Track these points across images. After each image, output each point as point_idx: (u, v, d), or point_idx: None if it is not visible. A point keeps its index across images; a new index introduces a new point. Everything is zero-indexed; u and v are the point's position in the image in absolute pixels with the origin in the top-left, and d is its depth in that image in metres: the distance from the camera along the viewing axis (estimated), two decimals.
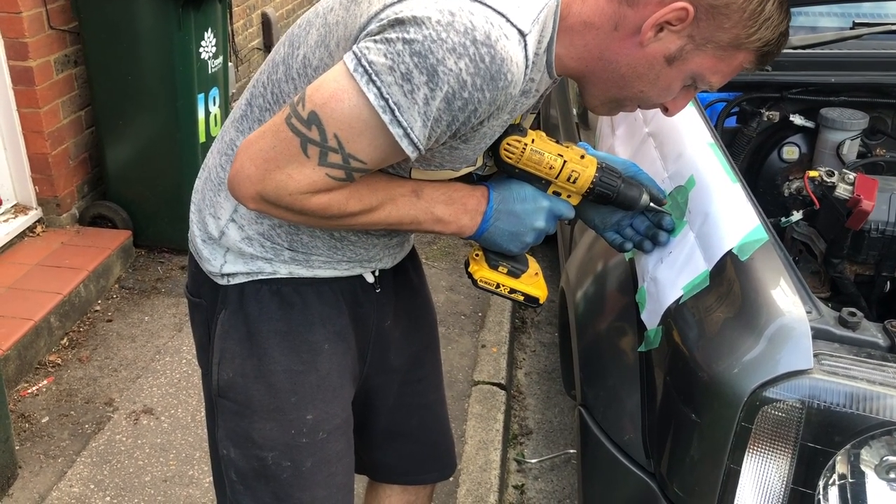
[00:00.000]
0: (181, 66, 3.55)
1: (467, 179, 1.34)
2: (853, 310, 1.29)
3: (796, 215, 1.92)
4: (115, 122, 3.67)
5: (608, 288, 1.77)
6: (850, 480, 1.24)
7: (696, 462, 1.30)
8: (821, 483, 1.23)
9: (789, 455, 1.23)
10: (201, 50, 3.65)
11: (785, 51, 2.26)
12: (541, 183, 1.31)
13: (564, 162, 1.28)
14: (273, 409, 1.42)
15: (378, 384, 1.60)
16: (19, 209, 3.70)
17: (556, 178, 1.30)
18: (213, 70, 3.77)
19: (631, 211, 1.39)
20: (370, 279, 1.47)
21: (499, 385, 3.08)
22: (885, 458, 1.23)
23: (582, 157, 1.30)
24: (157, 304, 3.56)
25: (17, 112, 3.52)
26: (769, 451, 1.24)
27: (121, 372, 3.12)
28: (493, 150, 1.28)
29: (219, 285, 1.42)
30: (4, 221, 3.61)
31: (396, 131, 1.09)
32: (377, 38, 1.07)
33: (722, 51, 1.16)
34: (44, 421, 2.85)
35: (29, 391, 2.98)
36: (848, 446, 1.21)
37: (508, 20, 1.06)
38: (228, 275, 1.40)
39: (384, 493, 1.77)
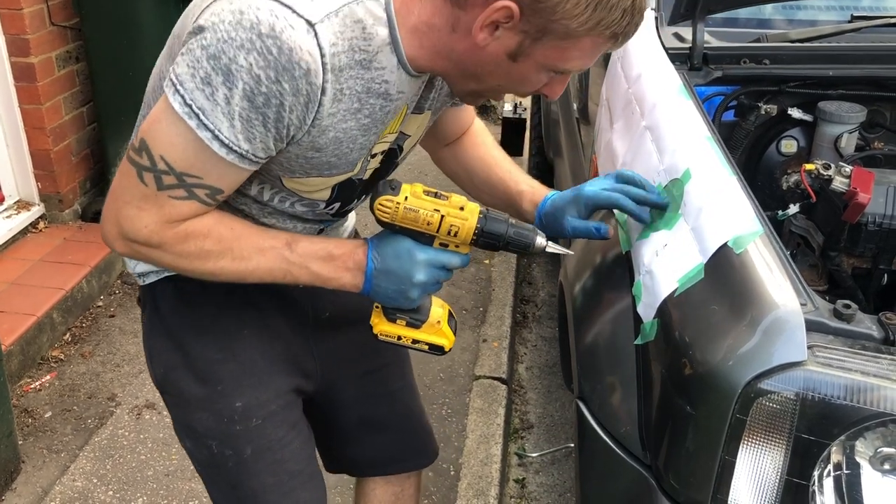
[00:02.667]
0: None
1: (349, 184, 1.34)
2: (848, 302, 1.30)
3: (793, 208, 1.93)
4: (116, 118, 3.68)
5: (605, 281, 1.78)
6: (845, 472, 1.24)
7: (692, 454, 1.31)
8: (815, 474, 1.24)
9: (784, 447, 1.24)
10: None
11: (783, 44, 2.27)
12: (424, 237, 1.29)
13: (442, 217, 1.26)
14: (202, 398, 1.45)
15: (336, 378, 1.60)
16: (22, 205, 3.72)
17: (437, 231, 1.28)
18: None
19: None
20: None
21: (500, 379, 3.08)
22: (879, 450, 1.24)
23: (461, 208, 1.27)
24: None
25: (19, 108, 3.53)
26: (764, 442, 1.24)
27: (123, 367, 3.14)
28: (371, 208, 1.27)
29: (140, 286, 1.47)
30: (7, 218, 3.63)
31: (205, 135, 1.11)
32: (183, 49, 1.11)
33: (562, 41, 1.14)
34: (47, 416, 2.87)
35: (32, 386, 3.00)
36: (842, 438, 1.22)
37: (294, 11, 1.08)
38: (142, 274, 1.43)
39: (369, 487, 1.77)
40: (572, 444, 2.83)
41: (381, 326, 1.37)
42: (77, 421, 2.85)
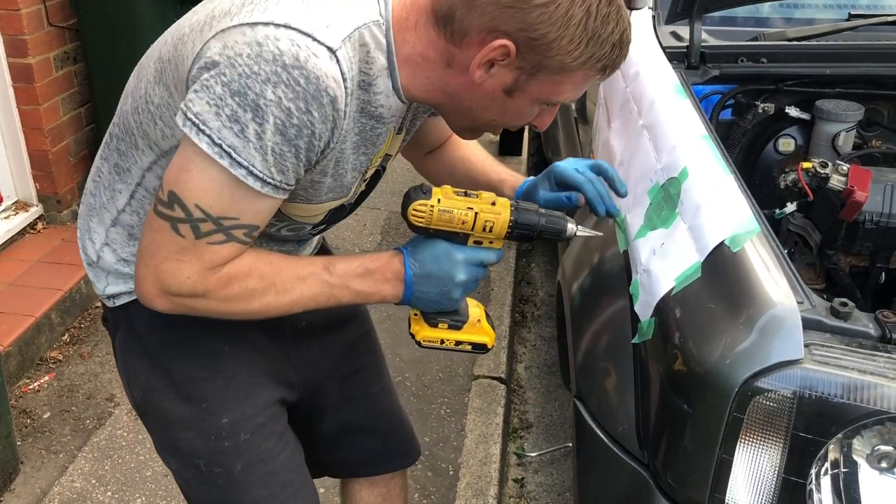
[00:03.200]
0: None
1: (340, 209, 1.34)
2: (844, 300, 1.30)
3: (790, 207, 1.93)
4: None
5: (603, 280, 1.78)
6: (843, 470, 1.24)
7: (689, 452, 1.31)
8: (813, 472, 1.24)
9: (781, 445, 1.24)
10: None
11: (781, 42, 2.27)
12: (459, 237, 1.29)
13: (476, 214, 1.27)
14: (187, 418, 1.42)
15: (316, 384, 1.60)
16: (20, 206, 3.71)
17: (472, 229, 1.28)
18: None
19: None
20: None
21: (499, 379, 3.08)
22: (876, 448, 1.24)
23: (493, 203, 1.29)
24: None
25: (17, 109, 3.53)
26: (761, 440, 1.24)
27: None
28: (403, 215, 1.28)
29: (109, 308, 1.43)
30: (5, 218, 3.62)
31: (239, 172, 1.10)
32: (197, 86, 1.09)
33: (556, 75, 1.16)
34: (45, 417, 2.86)
35: (30, 387, 3.00)
36: (840, 436, 1.22)
37: (315, 39, 1.07)
38: (112, 296, 1.40)
39: (355, 489, 1.77)
40: (571, 444, 2.84)
41: (424, 333, 1.36)
42: (76, 422, 2.85)
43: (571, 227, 1.33)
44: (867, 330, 1.27)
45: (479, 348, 1.39)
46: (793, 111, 2.20)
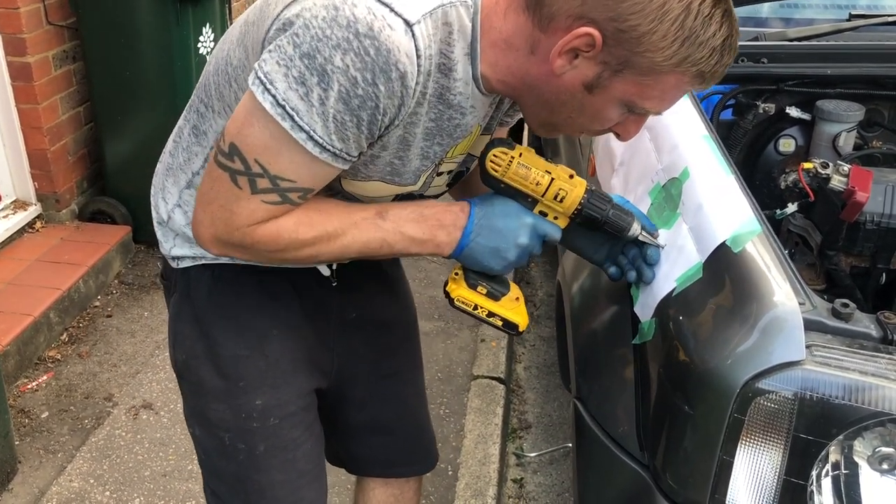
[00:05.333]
0: (179, 62, 3.55)
1: (410, 198, 1.32)
2: (846, 301, 1.29)
3: (791, 207, 1.92)
4: (113, 117, 3.67)
5: (603, 281, 1.77)
6: (844, 471, 1.24)
7: (690, 454, 1.31)
8: (814, 474, 1.24)
9: (782, 446, 1.23)
10: (200, 45, 3.65)
11: (781, 43, 2.27)
12: (527, 201, 1.27)
13: (552, 179, 1.24)
14: (222, 391, 1.43)
15: (349, 377, 1.60)
16: (19, 205, 3.71)
17: (543, 195, 1.25)
18: None
19: (619, 238, 1.34)
20: (325, 272, 1.46)
21: (498, 379, 3.08)
22: (878, 449, 1.23)
23: (571, 176, 1.26)
24: (157, 299, 3.56)
25: (16, 108, 3.52)
26: (762, 442, 1.24)
27: (120, 367, 3.13)
28: (480, 162, 1.26)
29: (172, 268, 1.44)
30: (4, 217, 3.62)
31: (299, 136, 1.08)
32: (271, 46, 1.08)
33: (643, 76, 1.08)
34: (43, 416, 2.86)
35: (28, 386, 2.99)
36: (841, 437, 1.22)
37: (392, 9, 1.04)
38: (177, 258, 1.42)
39: (368, 487, 1.77)
40: (570, 444, 2.83)
41: (460, 292, 1.34)
42: (74, 421, 2.84)
43: (636, 227, 1.32)
44: (869, 331, 1.27)
45: (510, 327, 1.35)
46: (793, 111, 2.19)
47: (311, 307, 1.47)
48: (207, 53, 3.71)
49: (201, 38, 3.65)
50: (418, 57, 1.06)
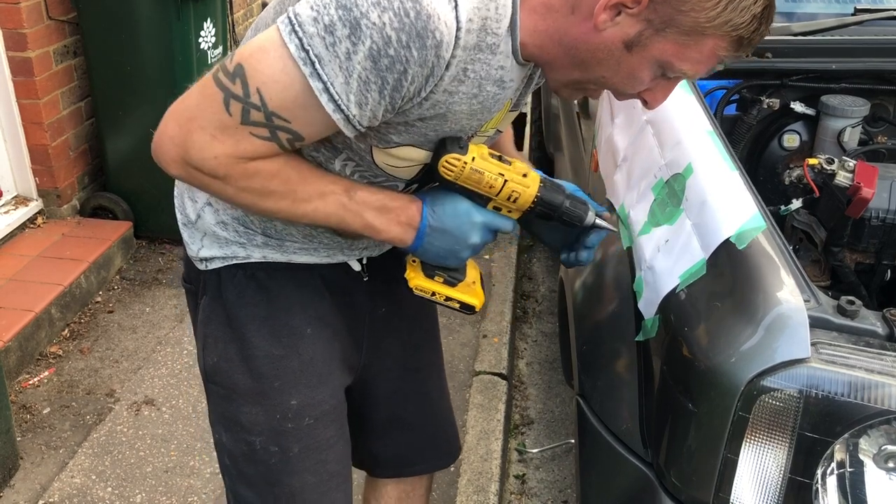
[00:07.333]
0: (180, 57, 3.54)
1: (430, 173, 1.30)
2: (851, 298, 1.28)
3: (796, 203, 1.91)
4: (114, 112, 3.66)
5: (606, 277, 1.77)
6: (849, 470, 1.23)
7: (694, 452, 1.30)
8: (819, 472, 1.23)
9: (787, 444, 1.22)
10: (201, 40, 3.64)
11: (785, 38, 2.25)
12: (480, 198, 1.28)
13: (505, 181, 1.25)
14: (257, 393, 1.41)
15: (375, 372, 1.59)
16: (20, 201, 3.70)
17: (497, 196, 1.27)
18: (213, 60, 3.76)
19: (576, 228, 1.35)
20: (356, 267, 1.46)
21: (500, 375, 3.07)
22: (883, 447, 1.23)
23: (524, 175, 1.27)
24: (158, 295, 3.56)
25: (17, 103, 3.51)
26: (767, 440, 1.23)
27: (122, 363, 3.12)
28: (433, 166, 1.25)
29: (200, 270, 1.42)
30: (5, 213, 3.61)
31: (316, 85, 1.04)
32: None
33: (685, 36, 1.08)
34: (45, 412, 2.85)
35: (30, 382, 2.99)
36: (846, 435, 1.21)
37: None
38: (206, 259, 1.39)
39: (380, 482, 1.77)
40: (573, 441, 2.83)
41: (418, 281, 1.35)
42: (75, 417, 2.84)
43: (591, 215, 1.32)
44: (874, 328, 1.26)
45: (467, 309, 1.38)
46: (798, 107, 2.18)
47: (344, 303, 1.46)
48: (208, 49, 3.70)
49: (202, 34, 3.64)
50: (458, 29, 1.04)
